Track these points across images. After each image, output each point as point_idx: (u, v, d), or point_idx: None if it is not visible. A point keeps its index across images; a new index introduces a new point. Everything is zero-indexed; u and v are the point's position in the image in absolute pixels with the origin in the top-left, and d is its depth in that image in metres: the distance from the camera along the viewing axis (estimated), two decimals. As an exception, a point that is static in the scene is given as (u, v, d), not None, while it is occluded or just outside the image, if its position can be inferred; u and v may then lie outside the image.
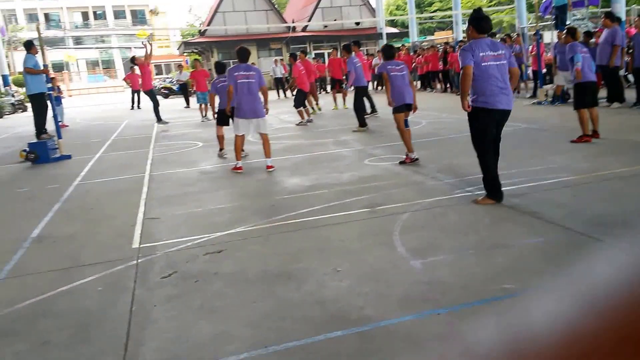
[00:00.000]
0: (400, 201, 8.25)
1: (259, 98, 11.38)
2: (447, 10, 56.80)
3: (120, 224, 8.31)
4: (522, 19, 28.03)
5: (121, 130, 21.54)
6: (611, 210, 7.07)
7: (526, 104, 19.90)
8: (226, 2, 49.24)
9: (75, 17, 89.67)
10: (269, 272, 5.84)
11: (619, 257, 0.48)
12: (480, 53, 7.79)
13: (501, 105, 7.79)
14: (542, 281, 5.03)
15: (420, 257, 5.91)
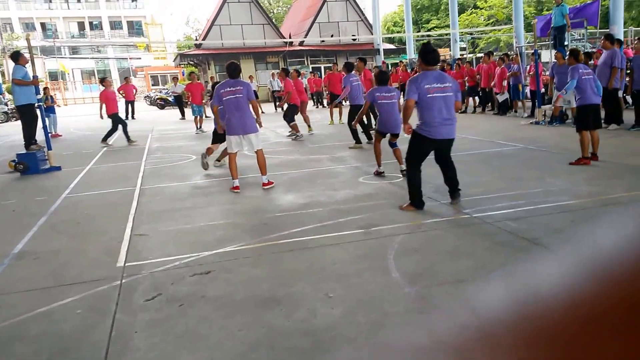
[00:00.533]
0: (396, 222, 7.97)
1: (248, 113, 10.91)
2: (444, 27, 56.87)
3: (106, 240, 8.01)
4: (520, 38, 27.88)
5: (114, 141, 21.22)
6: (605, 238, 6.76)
7: (524, 123, 19.67)
8: (223, 14, 49.19)
9: (72, 27, 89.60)
10: (258, 297, 5.54)
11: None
12: (427, 85, 8.25)
13: (441, 136, 8.41)
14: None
15: (416, 284, 5.62)
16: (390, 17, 69.89)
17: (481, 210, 8.29)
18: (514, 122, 20.30)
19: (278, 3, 77.75)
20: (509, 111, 23.24)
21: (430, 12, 66.74)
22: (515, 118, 21.86)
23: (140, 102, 52.44)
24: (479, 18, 60.99)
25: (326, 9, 51.15)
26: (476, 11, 62.37)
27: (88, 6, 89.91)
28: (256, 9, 50.26)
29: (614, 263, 0.48)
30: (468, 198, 9.05)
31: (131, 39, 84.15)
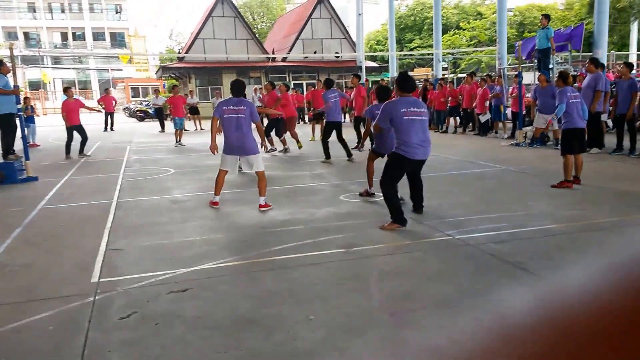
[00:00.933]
0: (377, 242, 7.84)
1: (249, 134, 10.49)
2: (426, 47, 57.06)
3: (81, 254, 7.79)
4: (503, 60, 27.95)
5: (93, 152, 21.01)
6: (590, 263, 6.66)
7: (504, 144, 19.66)
8: (207, 29, 49.16)
9: (55, 37, 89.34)
10: (236, 318, 5.37)
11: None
12: (402, 109, 8.72)
13: (418, 157, 8.85)
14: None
15: (398, 308, 5.48)
16: (373, 36, 70.05)
17: (464, 231, 8.17)
18: (495, 143, 20.28)
19: (262, 19, 77.74)
20: (489, 132, 23.25)
21: (413, 32, 66.95)
22: (495, 139, 21.85)
23: (119, 113, 52.19)
24: (461, 39, 61.28)
25: (310, 26, 51.23)
26: (459, 32, 62.68)
27: (72, 17, 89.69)
28: (240, 24, 50.27)
29: (603, 293, 0.52)
30: (450, 219, 8.96)
31: (114, 50, 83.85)
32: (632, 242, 0.58)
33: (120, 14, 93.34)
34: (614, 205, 9.90)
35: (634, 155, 15.29)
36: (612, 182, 11.93)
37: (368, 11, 54.53)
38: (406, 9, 69.75)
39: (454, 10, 68.60)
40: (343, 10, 66.12)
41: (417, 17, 67.02)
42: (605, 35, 21.48)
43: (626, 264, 0.57)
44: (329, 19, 51.93)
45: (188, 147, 22.32)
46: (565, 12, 58.89)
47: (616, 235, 7.88)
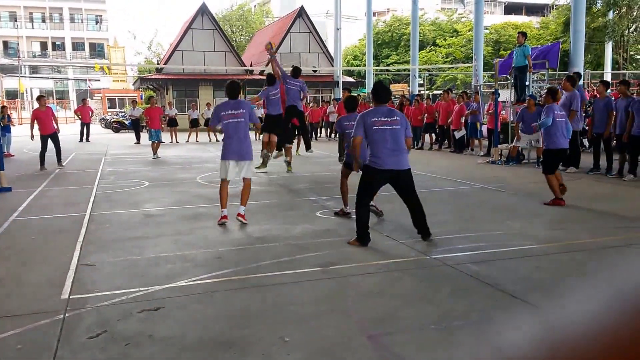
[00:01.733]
0: (355, 261, 7.69)
1: (248, 139, 10.36)
2: (403, 63, 57.22)
3: (52, 269, 7.58)
4: (479, 77, 28.03)
5: (67, 163, 20.76)
6: (575, 286, 6.58)
7: (480, 162, 19.60)
8: (186, 40, 49.09)
9: (34, 46, 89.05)
10: (209, 339, 5.19)
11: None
12: (373, 118, 8.56)
13: (389, 166, 8.49)
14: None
15: (377, 330, 5.32)
16: (351, 51, 70.16)
17: (441, 251, 8.06)
18: (471, 161, 20.24)
19: (241, 32, 77.63)
20: (465, 149, 23.22)
21: (390, 48, 67.13)
22: (471, 156, 21.81)
23: (95, 124, 51.83)
24: (437, 55, 61.52)
25: (289, 40, 51.26)
26: (435, 49, 62.93)
27: (52, 26, 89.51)
28: (219, 37, 50.24)
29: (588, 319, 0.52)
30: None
31: (92, 60, 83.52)
32: (613, 264, 0.49)
33: (100, 25, 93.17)
34: (595, 225, 9.81)
35: (610, 175, 15.24)
36: (590, 202, 11.86)
37: (346, 26, 54.73)
38: (383, 25, 69.94)
39: (431, 27, 68.90)
40: (321, 25, 66.27)
41: (394, 33, 67.24)
42: (581, 54, 21.62)
43: (610, 288, 0.55)
44: (307, 33, 51.99)
45: (163, 160, 22.10)
46: (541, 31, 59.29)
47: (597, 257, 7.80)
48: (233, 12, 77.67)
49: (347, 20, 60.15)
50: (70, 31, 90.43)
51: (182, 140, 32.49)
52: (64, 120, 60.90)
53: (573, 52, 21.18)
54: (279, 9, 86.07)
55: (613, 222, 10.07)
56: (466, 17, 68.97)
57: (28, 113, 68.34)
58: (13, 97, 70.74)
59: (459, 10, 77.44)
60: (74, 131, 34.37)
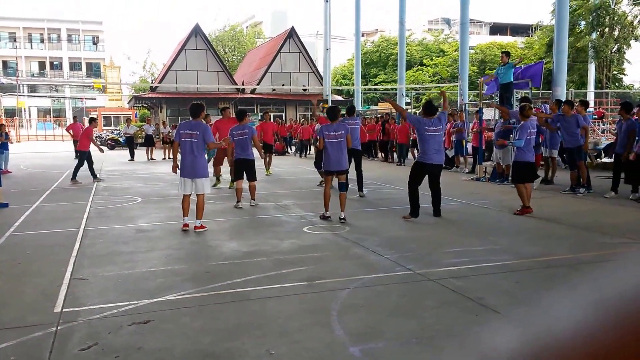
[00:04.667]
0: (340, 275, 7.72)
1: (201, 158, 10.91)
2: (390, 82, 57.42)
3: (46, 282, 7.60)
4: (464, 96, 28.15)
5: (62, 180, 20.77)
6: (554, 302, 6.62)
7: (465, 179, 19.65)
8: (180, 60, 49.24)
9: (33, 66, 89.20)
10: (197, 351, 5.22)
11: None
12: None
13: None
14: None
15: (360, 343, 5.35)
16: (340, 70, 70.36)
17: (425, 266, 8.09)
18: (456, 177, 20.26)
19: (233, 52, 77.81)
20: (452, 166, 23.29)
21: (378, 67, 67.39)
22: (457, 173, 21.86)
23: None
24: (424, 75, 61.75)
25: (279, 60, 51.50)
26: (422, 68, 63.17)
27: (50, 47, 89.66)
28: (212, 57, 50.40)
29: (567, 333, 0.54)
30: (411, 253, 8.91)
31: (89, 80, 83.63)
32: (590, 279, 0.60)
33: (97, 45, 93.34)
34: (574, 241, 9.88)
35: (589, 192, 15.26)
36: (571, 217, 11.92)
37: (335, 47, 54.90)
38: (372, 45, 70.23)
39: (418, 47, 69.18)
40: (311, 46, 66.51)
41: (382, 53, 67.51)
42: (564, 74, 21.74)
43: (585, 303, 0.58)
44: (297, 53, 52.23)
45: (156, 176, 22.12)
46: (525, 51, 59.61)
47: (575, 272, 7.85)
48: (225, 33, 77.90)
49: (336, 40, 60.33)
50: (68, 51, 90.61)
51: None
52: (61, 138, 60.91)
53: (556, 72, 21.30)
54: (270, 29, 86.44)
55: (593, 238, 10.12)
56: (452, 37, 69.37)
57: (26, 131, 68.50)
58: (11, 115, 70.62)
59: (446, 31, 77.92)
60: (70, 148, 34.36)
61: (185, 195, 11.06)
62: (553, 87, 21.26)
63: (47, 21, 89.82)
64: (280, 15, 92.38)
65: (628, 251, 9.06)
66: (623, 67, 52.36)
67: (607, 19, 43.87)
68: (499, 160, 18.19)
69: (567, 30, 22.06)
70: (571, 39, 42.31)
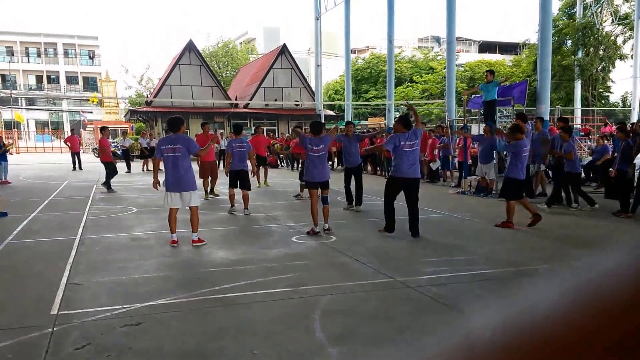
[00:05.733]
0: (324, 282, 7.93)
1: (187, 170, 10.77)
2: (381, 98, 57.71)
3: (43, 287, 7.80)
4: (451, 112, 28.34)
5: (60, 190, 20.94)
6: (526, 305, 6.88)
7: (451, 192, 19.87)
8: (174, 75, 49.35)
9: (30, 79, 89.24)
10: (185, 351, 5.44)
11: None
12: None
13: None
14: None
15: (337, 345, 5.58)
16: (332, 86, 70.64)
17: (405, 274, 8.31)
18: (442, 191, 20.50)
19: (227, 67, 77.91)
20: (438, 180, 23.53)
21: (369, 83, 67.68)
22: (443, 187, 22.09)
23: (89, 154, 51.92)
24: (414, 91, 62.08)
25: (272, 75, 51.68)
26: (412, 85, 63.51)
27: (47, 61, 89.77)
28: (206, 72, 50.52)
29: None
30: (393, 262, 9.12)
31: (86, 93, 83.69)
32: (552, 285, 0.65)
33: (94, 59, 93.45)
34: (550, 251, 10.16)
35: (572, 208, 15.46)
36: (550, 230, 12.13)
37: (327, 63, 55.21)
38: (363, 62, 70.55)
39: (408, 64, 69.56)
40: (303, 62, 66.89)
41: (372, 69, 67.81)
42: (547, 92, 21.94)
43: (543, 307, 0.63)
44: (289, 69, 52.40)
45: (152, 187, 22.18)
46: (513, 69, 60.00)
47: (544, 280, 8.07)
48: (219, 49, 78.02)
49: (327, 57, 60.68)
50: (65, 65, 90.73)
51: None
52: (59, 150, 60.95)
53: (540, 89, 21.50)
54: (263, 46, 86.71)
55: (568, 248, 10.39)
56: (441, 55, 69.56)
57: (24, 143, 68.46)
58: (9, 127, 70.63)
59: (435, 49, 78.31)
60: (68, 159, 34.53)
61: (172, 209, 10.86)
62: (537, 104, 21.47)
63: (43, 35, 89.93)
64: (273, 31, 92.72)
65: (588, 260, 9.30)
66: (608, 86, 52.84)
67: (591, 39, 44.28)
68: (483, 174, 18.46)
69: (550, 50, 22.29)
70: (558, 57, 42.73)
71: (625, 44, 45.52)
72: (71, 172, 31.29)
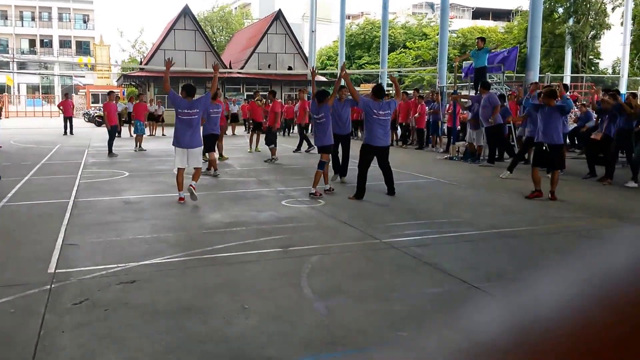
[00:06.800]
0: (313, 243, 8.23)
1: (196, 130, 11.70)
2: (375, 64, 57.77)
3: (39, 248, 8.04)
4: (442, 79, 28.49)
5: (52, 155, 21.10)
6: (505, 266, 7.22)
7: (439, 158, 20.22)
8: (169, 40, 49.41)
9: (23, 43, 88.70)
10: (179, 306, 5.72)
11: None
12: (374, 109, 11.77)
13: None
14: (434, 329, 5.07)
15: (324, 300, 5.89)
16: (325, 52, 70.56)
17: (391, 236, 8.61)
18: (431, 157, 20.84)
19: (222, 32, 77.69)
20: (427, 146, 23.86)
21: (362, 49, 67.71)
22: (432, 153, 22.41)
23: (79, 118, 51.95)
24: (407, 57, 62.15)
25: (266, 41, 51.69)
26: (405, 51, 63.57)
27: (41, 24, 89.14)
28: (200, 37, 50.57)
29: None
30: (380, 225, 9.42)
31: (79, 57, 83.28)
32: (542, 248, 0.68)
33: (87, 24, 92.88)
34: (530, 215, 10.44)
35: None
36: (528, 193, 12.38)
37: (321, 28, 55.14)
38: (357, 28, 70.49)
39: (402, 30, 69.56)
40: (298, 27, 66.61)
41: (366, 35, 67.82)
42: (536, 59, 22.16)
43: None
44: (283, 35, 52.40)
45: (143, 152, 22.47)
46: (505, 35, 60.09)
47: (525, 242, 8.42)
48: (214, 14, 77.77)
49: (322, 23, 60.55)
50: (58, 29, 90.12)
51: (168, 133, 32.54)
52: (49, 114, 60.97)
53: (529, 56, 21.69)
54: (259, 11, 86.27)
55: (554, 212, 10.68)
56: (435, 21, 69.49)
57: (14, 107, 68.25)
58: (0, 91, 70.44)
59: (429, 15, 78.20)
60: (59, 124, 34.62)
61: (180, 170, 11.59)
62: (526, 71, 21.71)
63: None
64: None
65: (573, 225, 9.65)
66: (598, 52, 52.98)
67: (582, 6, 44.30)
68: (472, 140, 18.73)
69: (541, 17, 22.44)
70: (549, 25, 42.85)
71: (614, 11, 45.52)
72: (62, 137, 31.40)
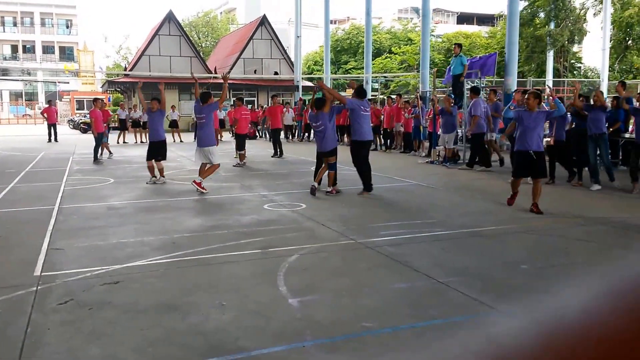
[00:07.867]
0: (291, 245, 8.57)
1: (205, 131, 13.77)
2: (360, 69, 58.19)
3: (25, 252, 8.34)
4: (425, 84, 28.83)
5: (37, 162, 21.34)
6: (471, 263, 7.60)
7: (420, 162, 20.62)
8: (153, 45, 49.60)
9: (5, 49, 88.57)
10: (159, 304, 6.04)
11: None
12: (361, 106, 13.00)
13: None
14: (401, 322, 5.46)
15: (298, 296, 6.23)
16: (311, 57, 70.93)
17: (366, 236, 8.98)
18: (413, 161, 21.23)
19: (207, 38, 77.96)
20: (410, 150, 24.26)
21: (348, 54, 68.12)
22: (414, 157, 22.79)
23: (64, 125, 52.08)
24: (392, 62, 62.59)
25: (251, 46, 51.99)
26: (390, 56, 64.00)
27: (23, 30, 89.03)
28: (185, 42, 50.79)
29: None
30: (356, 226, 9.79)
31: (62, 64, 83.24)
32: (510, 246, 0.81)
33: (71, 29, 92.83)
34: (500, 216, 10.80)
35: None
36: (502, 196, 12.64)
37: (307, 33, 55.55)
38: (343, 33, 70.90)
39: (387, 35, 70.02)
40: (283, 33, 66.98)
41: (352, 40, 68.20)
42: (514, 64, 22.59)
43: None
44: (269, 40, 52.73)
45: (128, 159, 22.68)
46: (489, 40, 60.63)
47: (495, 240, 8.79)
48: (199, 19, 78.05)
49: (308, 27, 60.94)
50: (41, 35, 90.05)
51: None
52: (33, 121, 61.00)
53: (508, 62, 22.13)
54: (244, 16, 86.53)
55: (521, 214, 11.04)
56: (420, 26, 69.98)
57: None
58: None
59: (414, 20, 78.67)
60: (43, 132, 34.77)
61: (202, 163, 13.77)
62: (505, 77, 22.11)
63: (20, 4, 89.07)
64: (254, 1, 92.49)
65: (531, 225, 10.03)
66: (580, 57, 53.49)
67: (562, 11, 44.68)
68: (445, 144, 19.21)
69: (518, 24, 22.92)
70: (531, 29, 43.33)
71: (595, 17, 45.95)
72: (46, 144, 31.58)
